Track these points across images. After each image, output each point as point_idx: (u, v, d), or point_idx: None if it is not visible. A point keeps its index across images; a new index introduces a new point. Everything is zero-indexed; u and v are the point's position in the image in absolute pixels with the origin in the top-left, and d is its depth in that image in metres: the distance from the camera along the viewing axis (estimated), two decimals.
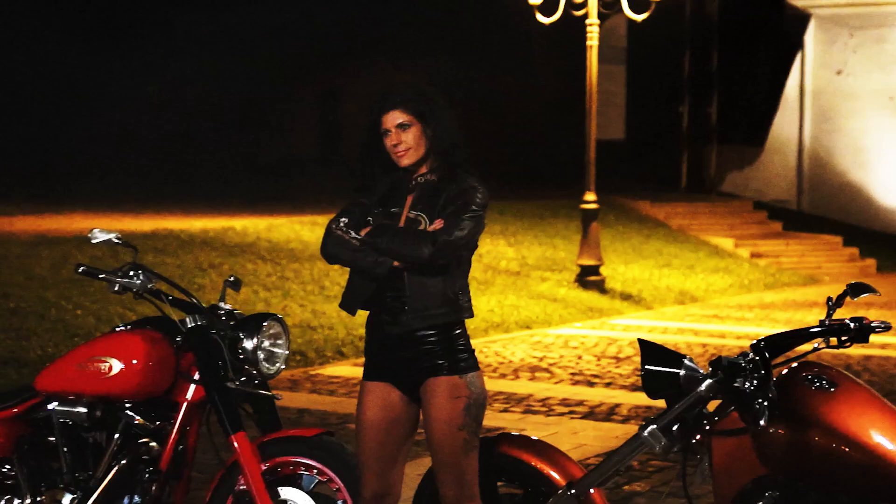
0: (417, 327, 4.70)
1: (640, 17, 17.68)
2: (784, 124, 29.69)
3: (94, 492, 5.33)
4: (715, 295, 19.16)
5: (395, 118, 4.73)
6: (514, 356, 12.83)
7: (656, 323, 15.97)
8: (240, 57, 33.01)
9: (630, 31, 26.66)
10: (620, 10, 17.79)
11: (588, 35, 17.61)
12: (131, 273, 5.39)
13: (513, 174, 26.75)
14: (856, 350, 13.22)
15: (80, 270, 5.48)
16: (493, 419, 9.48)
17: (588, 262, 17.97)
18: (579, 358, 12.80)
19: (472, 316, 4.81)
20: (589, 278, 17.87)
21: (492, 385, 11.11)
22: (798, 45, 29.54)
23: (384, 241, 4.67)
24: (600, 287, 17.83)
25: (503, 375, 11.73)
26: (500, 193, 22.40)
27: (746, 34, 30.25)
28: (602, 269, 18.19)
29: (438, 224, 4.68)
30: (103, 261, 13.38)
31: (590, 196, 17.91)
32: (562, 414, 10.00)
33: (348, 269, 4.82)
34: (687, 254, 21.86)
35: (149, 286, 5.40)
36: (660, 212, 24.77)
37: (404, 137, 4.73)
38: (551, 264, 19.01)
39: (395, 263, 4.68)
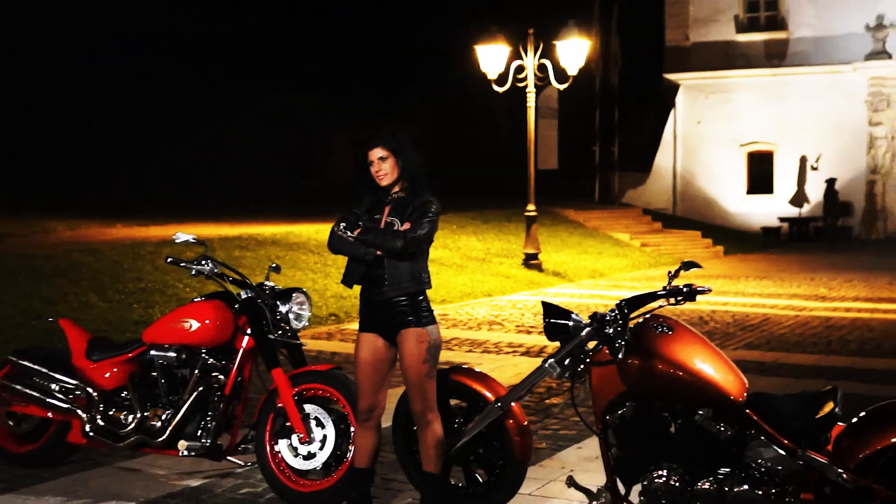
0: (394, 296, 4.63)
1: (562, 87, 17.56)
2: (663, 158, 29.60)
3: (182, 409, 5.31)
4: (616, 272, 19.05)
5: (376, 153, 4.67)
6: (479, 315, 12.74)
7: (576, 291, 15.86)
8: (295, 118, 32.93)
9: (559, 95, 26.52)
10: (549, 82, 17.68)
11: (528, 99, 17.51)
12: (203, 262, 5.35)
13: (479, 193, 26.63)
14: (706, 307, 13.15)
15: (168, 260, 5.42)
16: (460, 357, 9.40)
17: (530, 250, 17.87)
18: (522, 315, 12.71)
19: (430, 287, 4.72)
20: (531, 262, 17.77)
21: (461, 334, 11.04)
22: (672, 104, 29.46)
23: (371, 238, 4.61)
24: (539, 268, 17.73)
25: (470, 328, 11.62)
26: (470, 205, 22.39)
27: (638, 97, 30.17)
28: (540, 256, 18.08)
29: (407, 226, 4.61)
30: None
31: (531, 207, 17.81)
32: (508, 353, 9.92)
33: (346, 257, 4.74)
34: (598, 244, 21.74)
35: (215, 271, 5.35)
36: (580, 216, 24.63)
37: (383, 166, 4.66)
38: (506, 253, 18.89)
39: (378, 253, 4.62)
